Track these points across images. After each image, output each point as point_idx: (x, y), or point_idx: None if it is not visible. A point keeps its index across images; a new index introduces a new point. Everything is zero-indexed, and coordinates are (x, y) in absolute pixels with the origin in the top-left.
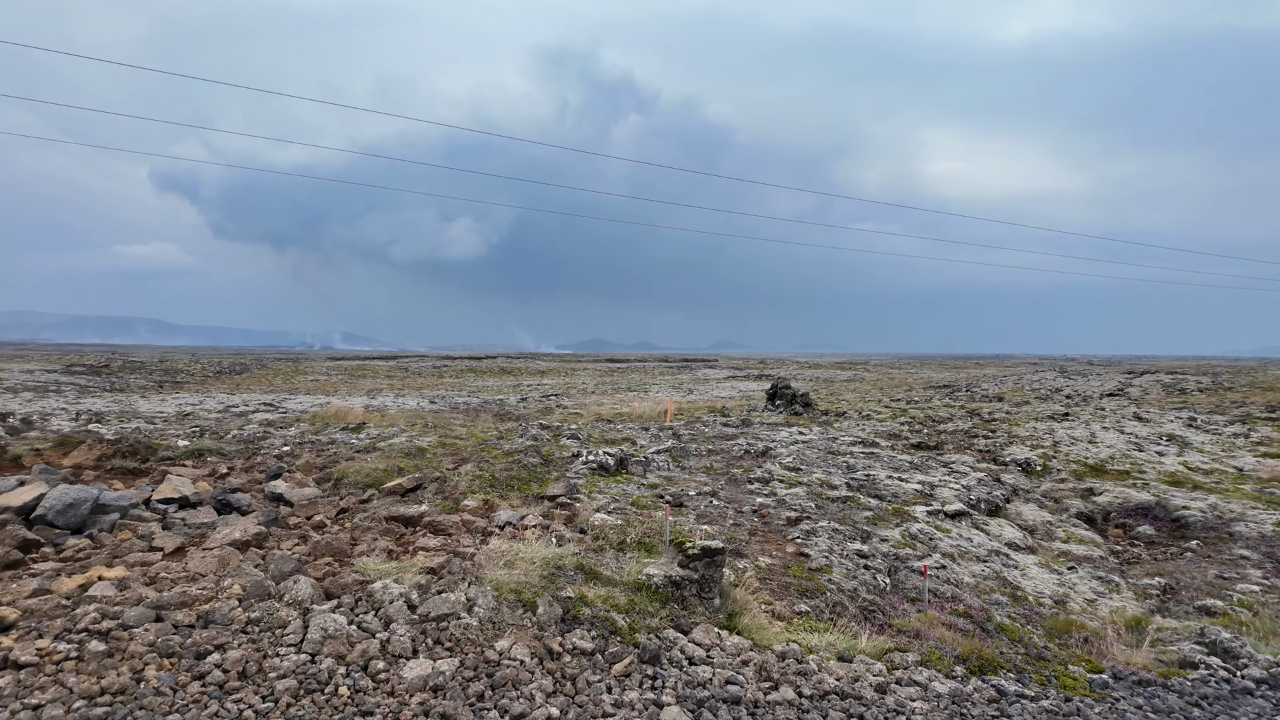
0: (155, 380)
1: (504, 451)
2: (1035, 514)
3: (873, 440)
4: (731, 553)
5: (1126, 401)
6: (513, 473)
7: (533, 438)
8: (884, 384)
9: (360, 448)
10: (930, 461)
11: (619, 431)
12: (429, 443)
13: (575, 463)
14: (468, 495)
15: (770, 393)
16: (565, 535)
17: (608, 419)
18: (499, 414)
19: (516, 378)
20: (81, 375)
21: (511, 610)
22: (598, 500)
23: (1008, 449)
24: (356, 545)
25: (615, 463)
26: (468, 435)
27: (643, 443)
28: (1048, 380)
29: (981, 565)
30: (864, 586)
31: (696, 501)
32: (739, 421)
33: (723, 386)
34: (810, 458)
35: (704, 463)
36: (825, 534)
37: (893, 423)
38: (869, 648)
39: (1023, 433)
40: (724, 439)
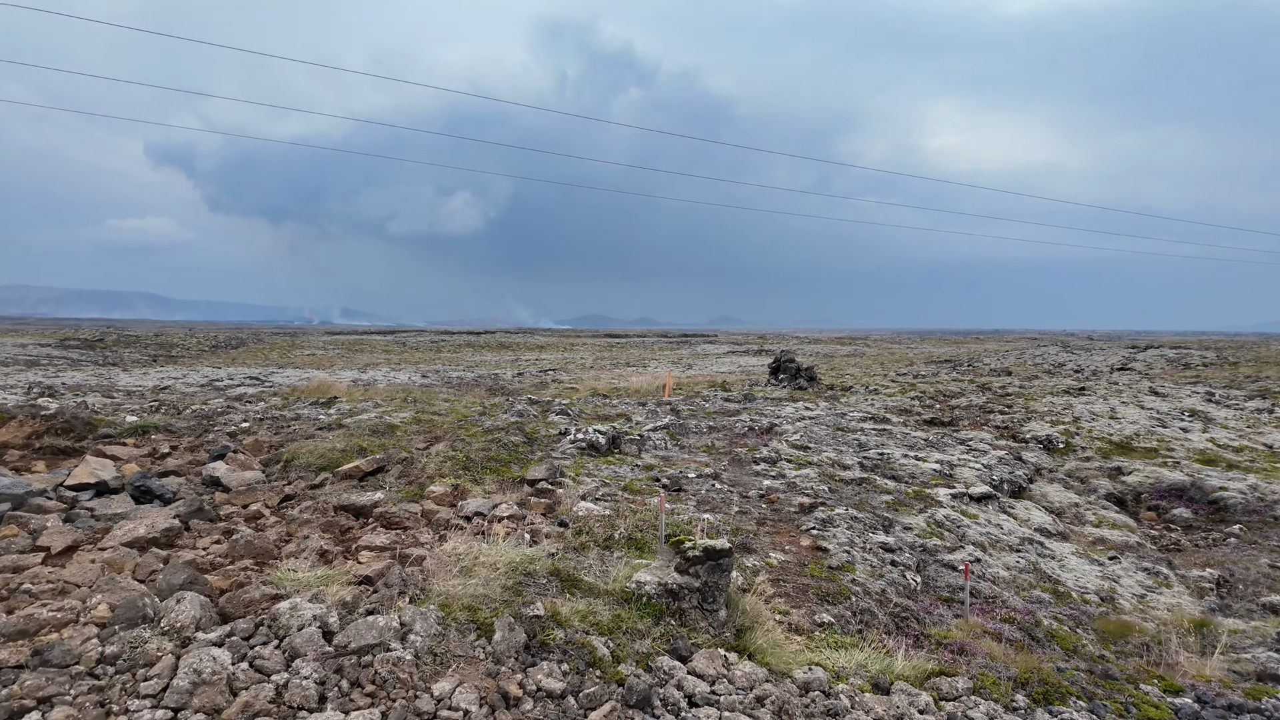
0: (150, 355)
1: (484, 429)
2: (1061, 495)
3: (883, 416)
4: (739, 548)
5: (1138, 376)
6: (490, 453)
7: (518, 414)
8: (885, 359)
9: (325, 424)
10: (946, 439)
11: (614, 407)
12: (402, 419)
13: (563, 441)
14: (436, 479)
15: (773, 367)
16: (542, 530)
17: (604, 394)
18: (493, 388)
19: (515, 353)
20: (75, 349)
21: (461, 636)
22: (584, 485)
23: (1027, 425)
24: (288, 543)
25: (607, 441)
26: (448, 411)
27: (638, 419)
28: (1050, 355)
29: (1015, 556)
30: (893, 587)
31: (697, 485)
32: (741, 397)
33: (723, 361)
34: (819, 435)
35: (704, 441)
36: (843, 523)
37: (902, 398)
38: (908, 670)
39: (1040, 408)
40: (726, 415)
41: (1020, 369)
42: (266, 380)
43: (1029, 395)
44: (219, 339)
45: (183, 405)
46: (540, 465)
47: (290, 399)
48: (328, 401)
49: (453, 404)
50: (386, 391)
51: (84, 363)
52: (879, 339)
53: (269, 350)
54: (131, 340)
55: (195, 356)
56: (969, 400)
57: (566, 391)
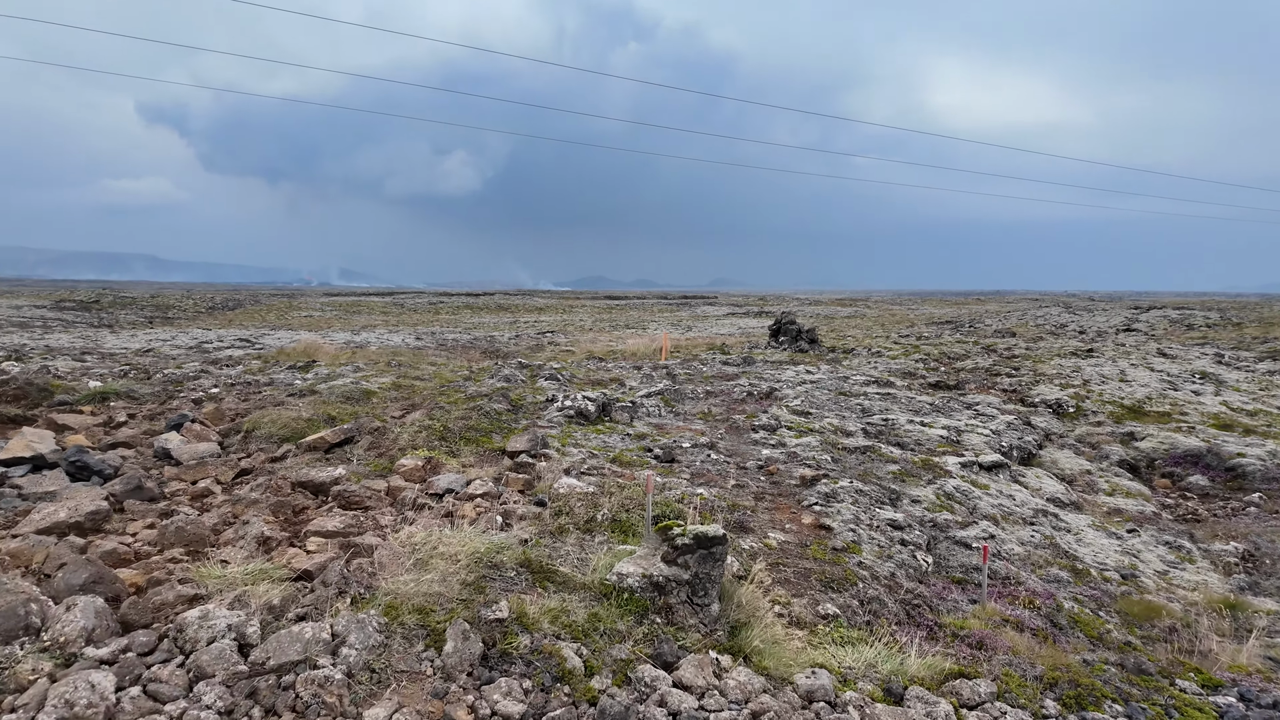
0: (145, 316)
1: (466, 395)
2: (1072, 462)
3: (887, 379)
4: (735, 526)
5: (1144, 337)
6: (470, 422)
7: (504, 379)
8: (885, 320)
9: (298, 390)
10: (952, 403)
11: (608, 371)
12: (381, 385)
13: (550, 409)
14: (408, 451)
15: (774, 329)
16: (516, 510)
17: (600, 357)
18: (488, 351)
19: (513, 314)
20: (70, 311)
21: (406, 647)
22: (570, 457)
23: (1035, 388)
24: (230, 527)
25: (596, 409)
26: (432, 375)
27: (633, 384)
28: (1052, 315)
29: (1030, 530)
30: (902, 570)
31: (691, 456)
32: (740, 360)
33: (722, 323)
34: (820, 400)
35: (701, 407)
36: (848, 497)
37: (906, 360)
38: (922, 670)
39: (1049, 370)
40: (724, 379)
41: (1023, 330)
42: (257, 342)
43: (1036, 357)
44: (216, 301)
45: (156, 369)
46: (523, 435)
47: (271, 362)
48: (306, 365)
49: (439, 368)
50: (373, 355)
51: (78, 324)
52: (879, 300)
53: (266, 312)
54: (127, 302)
55: (192, 318)
56: (975, 363)
57: (562, 354)
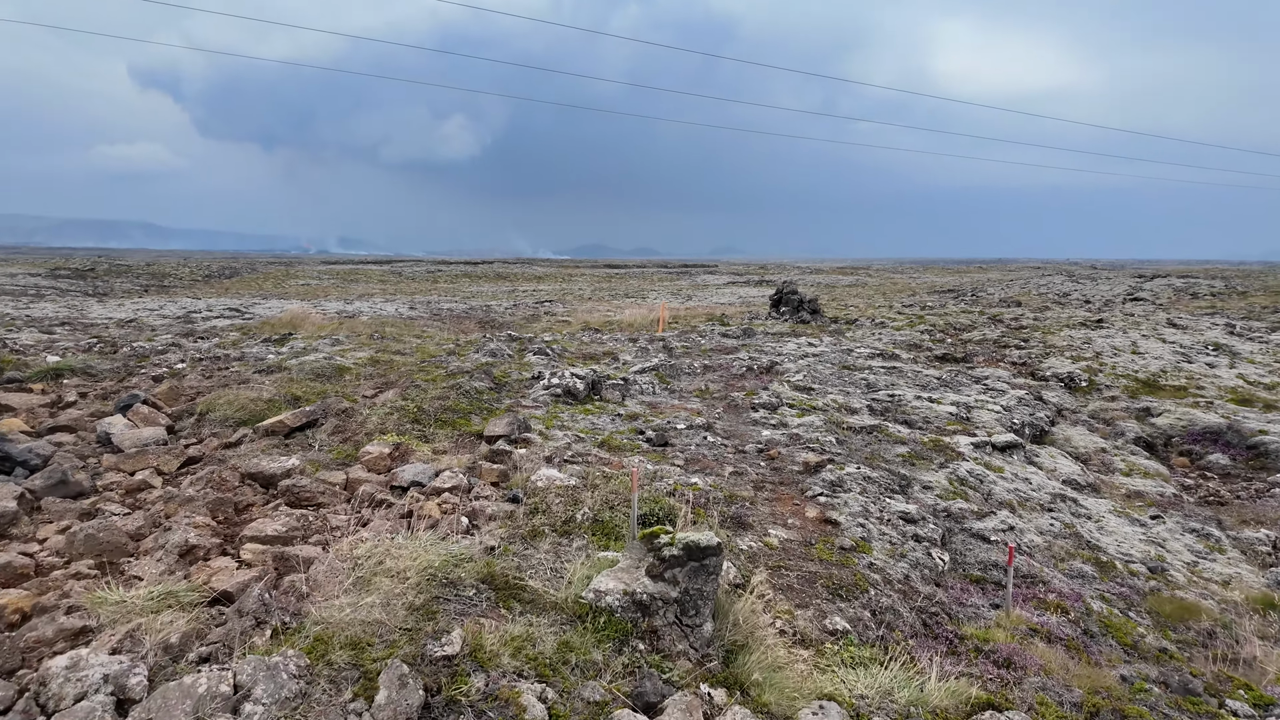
0: (141, 285)
1: (447, 372)
2: (1086, 439)
3: (892, 352)
4: (732, 522)
5: (1151, 307)
6: (448, 402)
7: (490, 353)
8: (887, 289)
9: (268, 366)
10: (960, 377)
11: (601, 344)
12: (358, 360)
13: (535, 387)
14: (375, 436)
15: (775, 299)
16: (486, 509)
17: (595, 328)
18: (482, 321)
19: (512, 283)
20: (65, 279)
21: (330, 696)
22: (554, 441)
23: (1046, 361)
24: (155, 533)
25: (586, 387)
26: (415, 349)
27: (627, 358)
28: (1055, 284)
29: (1048, 517)
30: (917, 571)
31: (686, 439)
32: (740, 331)
33: (723, 292)
34: (823, 374)
35: (698, 383)
36: (855, 485)
37: (911, 331)
38: (945, 699)
39: (1059, 342)
40: (723, 352)
41: (1027, 299)
42: (247, 312)
43: (1045, 329)
44: (212, 269)
45: (126, 342)
46: (503, 418)
47: (249, 335)
48: (282, 338)
49: (424, 341)
50: (359, 326)
51: (72, 293)
52: (881, 269)
53: (263, 280)
54: (123, 270)
55: (188, 286)
56: (982, 334)
57: (558, 325)
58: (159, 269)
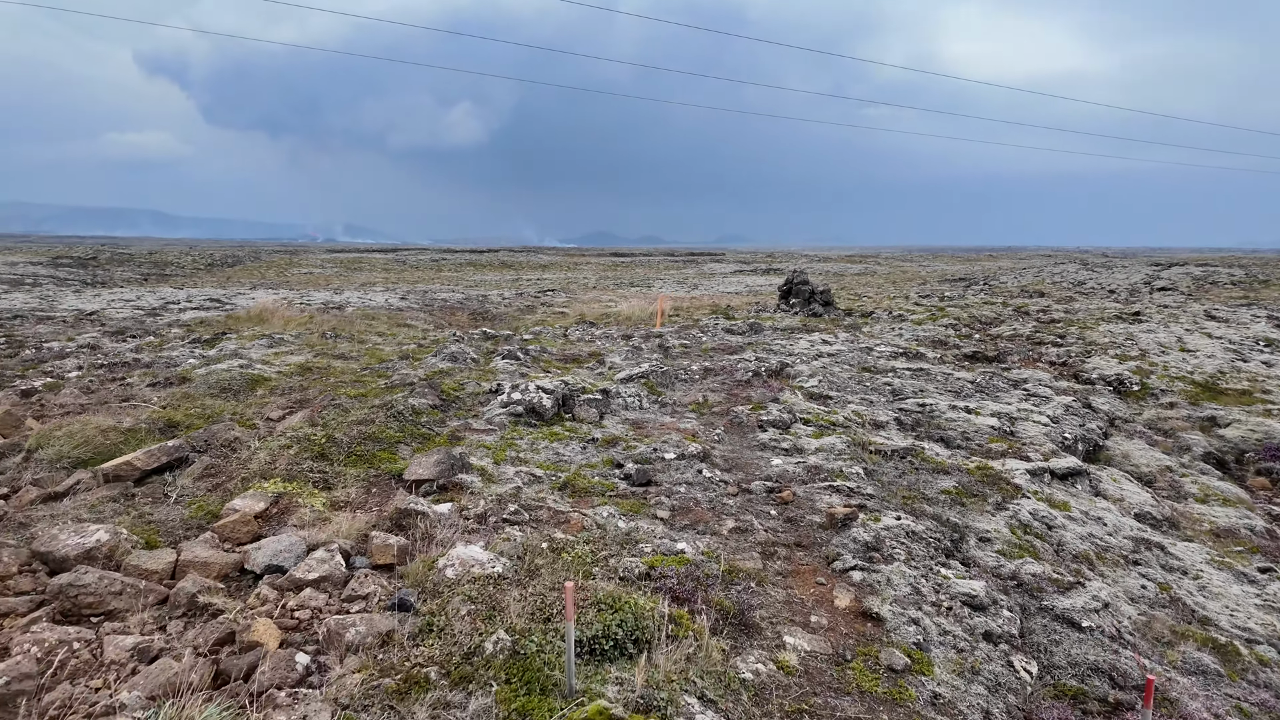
0: (142, 273)
1: (387, 384)
2: (1147, 456)
3: (916, 350)
4: (734, 620)
5: (1182, 297)
6: (372, 428)
7: (450, 357)
8: (897, 277)
9: (167, 378)
10: (996, 380)
11: (590, 342)
12: (285, 367)
13: (492, 403)
14: (256, 482)
15: (784, 290)
16: (350, 628)
17: (591, 321)
18: (476, 313)
19: (516, 272)
20: (66, 268)
21: None
22: (498, 486)
23: (1089, 361)
24: None
25: (554, 403)
26: (363, 353)
27: (615, 359)
28: (1070, 272)
29: (1136, 575)
30: (998, 698)
31: (676, 473)
32: (746, 327)
33: (729, 281)
34: (841, 379)
35: (695, 393)
36: (897, 546)
37: (933, 326)
38: None
39: (1099, 338)
40: (726, 352)
41: (1047, 288)
42: (228, 303)
43: (1080, 322)
44: (215, 257)
45: (41, 340)
46: (433, 454)
47: (191, 332)
48: (214, 338)
49: (382, 340)
50: (323, 322)
51: (70, 282)
52: (890, 257)
53: (265, 269)
54: (125, 259)
55: (189, 275)
56: (1012, 328)
57: (554, 317)
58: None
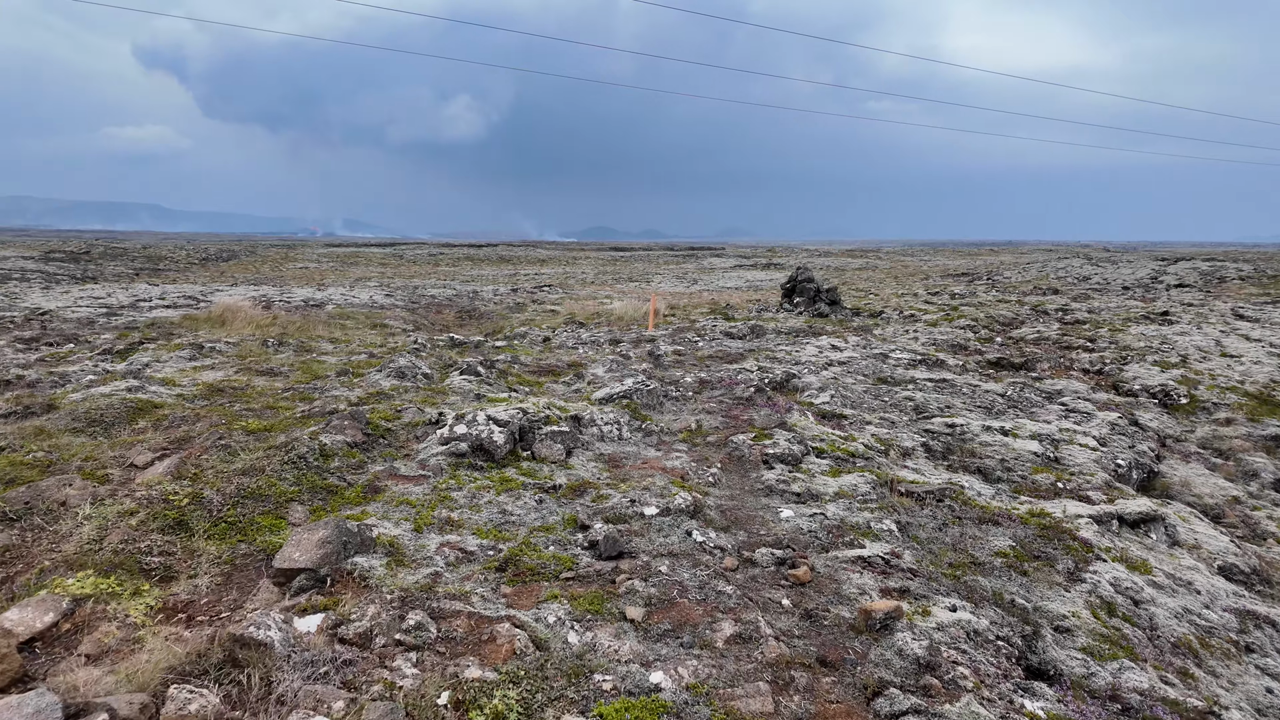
0: (135, 268)
1: (302, 414)
2: (1209, 484)
3: (935, 357)
4: None
5: (1202, 295)
6: (259, 480)
7: (396, 373)
8: (899, 272)
9: (24, 407)
10: (1028, 392)
11: (572, 349)
12: (193, 387)
13: (430, 439)
14: (57, 578)
15: (787, 287)
16: None
17: (581, 321)
18: (463, 310)
19: (514, 266)
20: (57, 262)
21: None
22: (405, 576)
23: (1126, 369)
24: None
25: (508, 438)
26: (297, 366)
27: (598, 371)
28: (1074, 267)
29: (1254, 673)
30: None
31: (659, 536)
32: (747, 329)
33: (729, 276)
34: (856, 392)
35: (688, 416)
36: (960, 667)
37: (949, 327)
38: None
39: (1132, 341)
40: (725, 360)
41: (1047, 282)
42: (205, 300)
43: (1110, 324)
44: (210, 252)
45: None
46: (316, 531)
47: (122, 338)
48: (128, 349)
49: (321, 354)
50: (281, 322)
51: (58, 276)
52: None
53: (260, 264)
54: (119, 253)
55: (183, 269)
56: (1036, 330)
57: (544, 316)
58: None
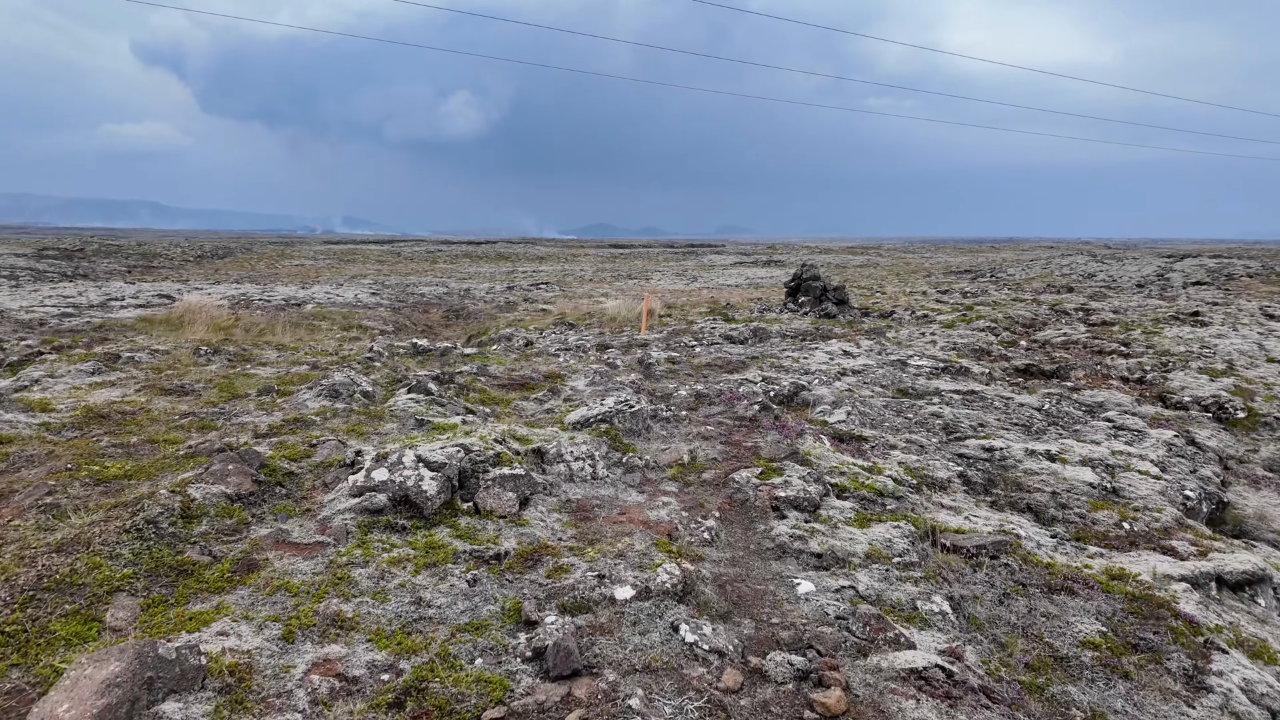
0: (128, 265)
1: (187, 451)
2: None
3: (958, 364)
4: None
5: (1221, 293)
6: (80, 559)
7: (328, 392)
8: (901, 269)
9: None
10: (1066, 405)
11: (554, 356)
12: (69, 414)
13: (337, 491)
14: None
15: (792, 286)
16: None
17: (570, 323)
18: (453, 309)
19: (512, 264)
20: (49, 260)
21: None
22: None
23: (1171, 377)
24: None
25: (442, 486)
26: (217, 383)
27: (578, 384)
28: (1079, 264)
29: None
30: None
31: (633, 635)
32: (749, 332)
33: (729, 273)
34: (875, 408)
35: (679, 443)
36: None
37: (967, 329)
38: None
39: (1171, 345)
40: (725, 369)
41: (1052, 279)
42: (180, 298)
43: (1141, 326)
44: (206, 249)
45: None
46: (107, 664)
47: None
48: (19, 362)
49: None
50: (245, 323)
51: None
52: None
53: (255, 261)
54: (113, 250)
55: (177, 267)
56: (1061, 332)
57: (535, 315)
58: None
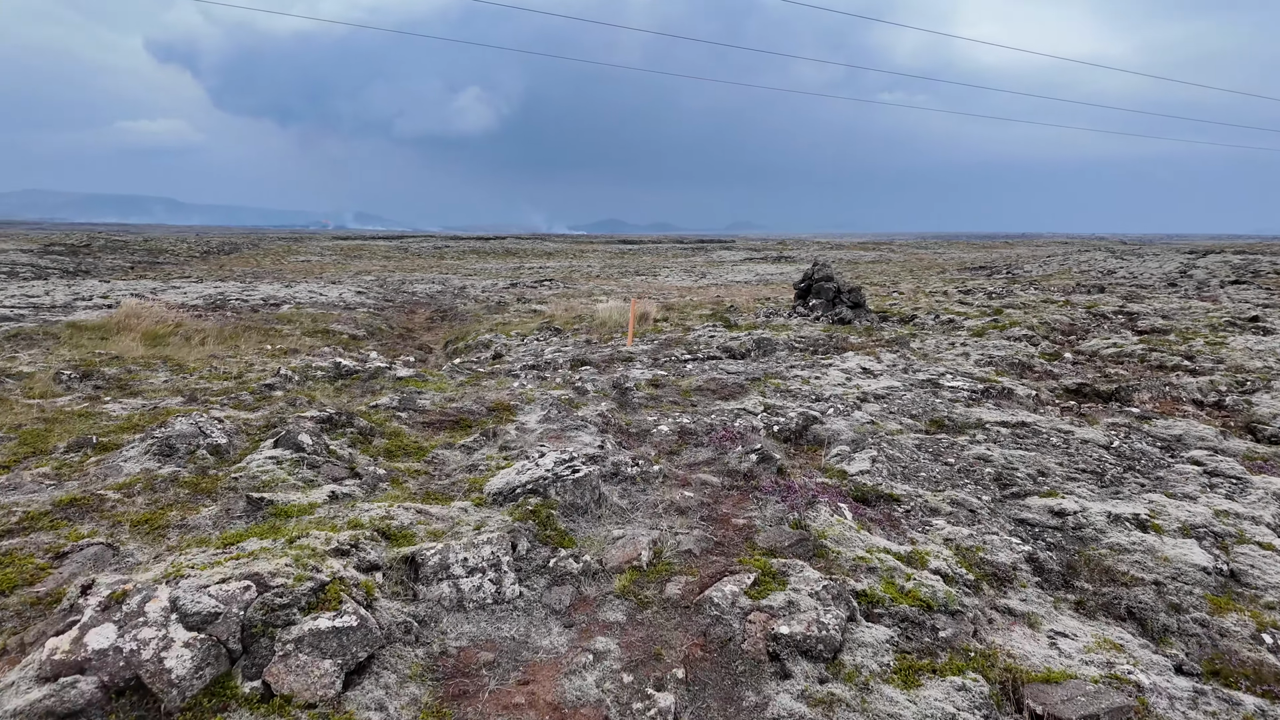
0: (132, 262)
1: None
2: None
3: (998, 384)
4: None
5: (1260, 290)
6: None
7: (161, 448)
8: (914, 266)
9: None
10: (1140, 443)
11: (516, 375)
12: None
13: (32, 658)
14: None
15: (802, 288)
16: None
17: (557, 327)
18: (443, 309)
19: (520, 259)
20: (54, 256)
21: None
22: None
23: (1255, 401)
24: None
25: (200, 660)
26: (21, 424)
27: (530, 420)
28: (1097, 261)
29: None
30: None
31: None
32: (751, 343)
33: (738, 270)
34: (906, 451)
35: (639, 528)
36: None
37: (1000, 337)
38: None
39: (1240, 359)
40: (717, 394)
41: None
42: (156, 297)
43: (1201, 335)
44: (212, 245)
45: None
46: None
47: None
48: None
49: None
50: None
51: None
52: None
53: (261, 257)
54: (119, 246)
55: (183, 263)
56: (1110, 342)
57: (525, 317)
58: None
